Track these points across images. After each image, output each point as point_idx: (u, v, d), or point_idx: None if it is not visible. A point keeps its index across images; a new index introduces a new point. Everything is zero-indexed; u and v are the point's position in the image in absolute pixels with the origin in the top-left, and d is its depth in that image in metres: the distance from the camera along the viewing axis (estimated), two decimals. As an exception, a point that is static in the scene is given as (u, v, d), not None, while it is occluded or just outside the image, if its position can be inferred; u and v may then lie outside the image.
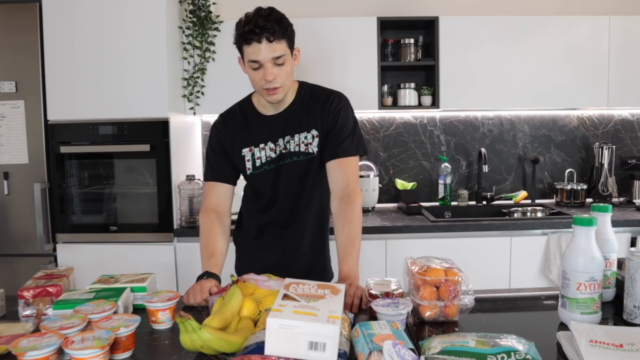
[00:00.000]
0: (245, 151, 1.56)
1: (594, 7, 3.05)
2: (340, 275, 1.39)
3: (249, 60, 1.40)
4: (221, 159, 1.58)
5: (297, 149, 1.54)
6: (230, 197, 1.60)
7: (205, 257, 1.46)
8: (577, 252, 1.10)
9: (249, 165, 1.56)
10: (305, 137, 1.53)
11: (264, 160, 1.55)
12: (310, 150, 1.53)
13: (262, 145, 1.55)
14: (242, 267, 1.70)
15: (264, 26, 1.34)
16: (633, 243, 2.53)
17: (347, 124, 1.53)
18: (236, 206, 1.72)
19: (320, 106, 1.53)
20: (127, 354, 1.02)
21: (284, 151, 1.54)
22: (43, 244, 2.49)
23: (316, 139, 1.53)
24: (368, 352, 0.88)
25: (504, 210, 2.92)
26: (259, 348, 0.90)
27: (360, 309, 1.26)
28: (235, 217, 1.71)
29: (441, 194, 3.00)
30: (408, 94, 2.87)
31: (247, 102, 1.61)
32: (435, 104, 2.82)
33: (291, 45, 1.44)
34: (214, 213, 1.54)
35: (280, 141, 1.54)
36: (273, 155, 1.55)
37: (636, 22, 2.76)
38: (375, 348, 0.87)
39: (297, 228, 1.63)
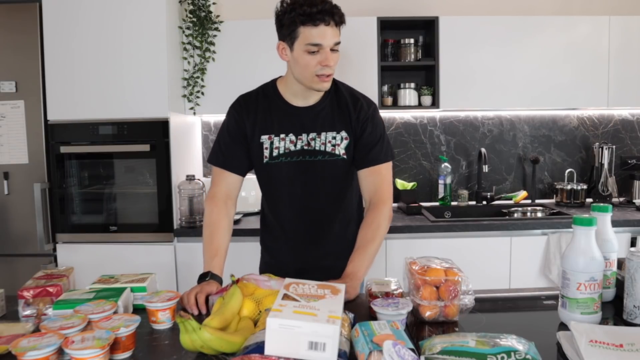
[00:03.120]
0: (265, 138, 1.48)
1: (594, 7, 3.05)
2: (344, 272, 1.37)
3: (309, 43, 1.33)
4: (236, 145, 1.50)
5: (322, 148, 1.47)
6: (239, 187, 1.54)
7: (209, 255, 1.42)
8: (577, 252, 1.10)
9: (266, 153, 1.48)
10: (334, 137, 1.48)
11: (281, 152, 1.47)
12: (337, 152, 1.48)
13: (282, 136, 1.47)
14: (270, 270, 1.59)
15: (333, 10, 1.33)
16: (633, 243, 2.53)
17: (374, 131, 1.50)
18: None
19: (350, 109, 1.49)
20: (127, 354, 1.02)
21: (306, 147, 1.47)
22: (43, 244, 2.49)
23: (345, 141, 1.48)
24: (368, 352, 0.88)
25: (504, 210, 2.92)
26: (259, 348, 0.90)
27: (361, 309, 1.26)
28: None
29: (441, 194, 3.00)
30: (408, 94, 2.87)
31: (271, 87, 1.52)
32: (435, 104, 2.82)
33: None
34: (223, 203, 1.49)
35: (304, 136, 1.47)
36: (292, 148, 1.47)
37: (636, 22, 2.76)
38: (375, 348, 0.87)
39: (323, 229, 1.56)
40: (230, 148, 1.51)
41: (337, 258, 1.51)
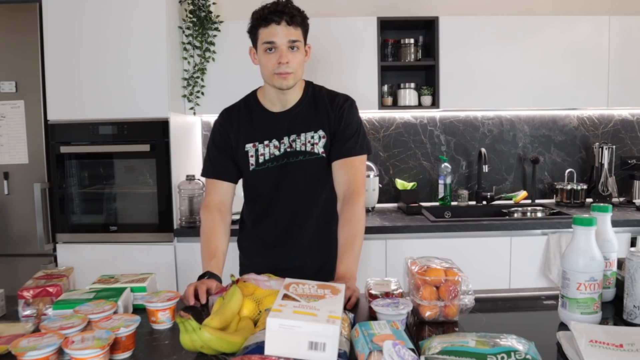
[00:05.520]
0: (249, 147, 1.54)
1: (594, 7, 3.05)
2: (336, 274, 1.39)
3: (264, 42, 1.41)
4: (223, 156, 1.56)
5: (303, 149, 1.53)
6: (231, 195, 1.59)
7: (207, 257, 1.45)
8: (577, 252, 1.10)
9: (252, 161, 1.54)
10: (312, 137, 1.53)
11: (267, 157, 1.53)
12: (316, 151, 1.53)
13: (266, 142, 1.53)
14: (246, 271, 1.67)
15: (284, 10, 1.39)
16: (633, 243, 2.53)
17: (350, 125, 1.54)
18: (237, 206, 1.71)
19: (327, 107, 1.54)
20: (127, 354, 1.02)
21: (289, 150, 1.53)
22: (43, 244, 2.49)
23: (322, 140, 1.53)
24: (368, 352, 0.88)
25: (504, 210, 2.92)
26: (259, 348, 0.90)
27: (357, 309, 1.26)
28: (236, 217, 1.69)
29: (441, 194, 3.00)
30: (408, 94, 2.87)
31: (252, 97, 1.59)
32: (435, 104, 2.82)
33: (305, 37, 1.47)
34: (217, 211, 1.53)
35: (286, 139, 1.53)
36: (277, 152, 1.53)
37: (636, 22, 2.76)
38: (375, 348, 0.87)
39: (301, 228, 1.60)
40: (218, 159, 1.57)
41: (313, 258, 1.60)
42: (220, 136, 1.57)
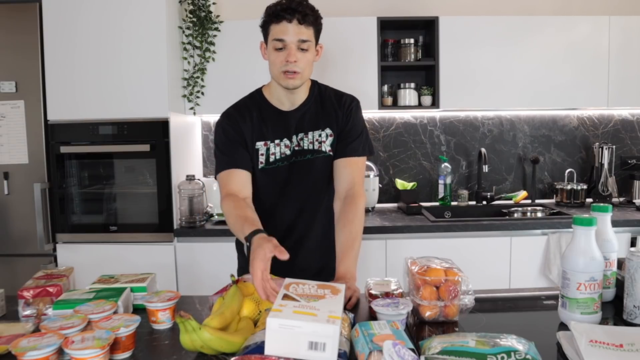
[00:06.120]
0: (260, 145, 1.50)
1: (594, 7, 3.05)
2: (336, 275, 1.38)
3: (274, 39, 1.39)
4: (238, 147, 1.48)
5: (310, 147, 1.51)
6: (250, 184, 1.50)
7: (241, 224, 1.29)
8: (577, 252, 1.10)
9: (262, 159, 1.51)
10: (320, 135, 1.52)
11: (278, 157, 1.51)
12: (323, 149, 1.52)
13: (277, 141, 1.50)
14: (244, 272, 1.65)
15: (297, 8, 1.37)
16: (633, 243, 2.53)
17: (356, 125, 1.54)
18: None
19: (335, 106, 1.54)
20: (127, 354, 1.02)
21: (297, 148, 1.51)
22: (43, 244, 2.49)
23: (330, 138, 1.52)
24: (368, 352, 0.88)
25: (504, 210, 2.92)
26: (259, 348, 0.90)
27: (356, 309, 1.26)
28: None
29: (441, 194, 3.00)
30: (408, 94, 2.87)
31: (258, 95, 1.56)
32: (435, 104, 2.82)
33: (317, 37, 1.46)
34: (236, 196, 1.43)
35: (294, 138, 1.51)
36: (287, 152, 1.51)
37: (636, 22, 2.76)
38: (375, 348, 0.87)
39: (306, 227, 1.58)
40: (232, 149, 1.50)
41: (315, 257, 1.58)
42: (232, 128, 1.49)
